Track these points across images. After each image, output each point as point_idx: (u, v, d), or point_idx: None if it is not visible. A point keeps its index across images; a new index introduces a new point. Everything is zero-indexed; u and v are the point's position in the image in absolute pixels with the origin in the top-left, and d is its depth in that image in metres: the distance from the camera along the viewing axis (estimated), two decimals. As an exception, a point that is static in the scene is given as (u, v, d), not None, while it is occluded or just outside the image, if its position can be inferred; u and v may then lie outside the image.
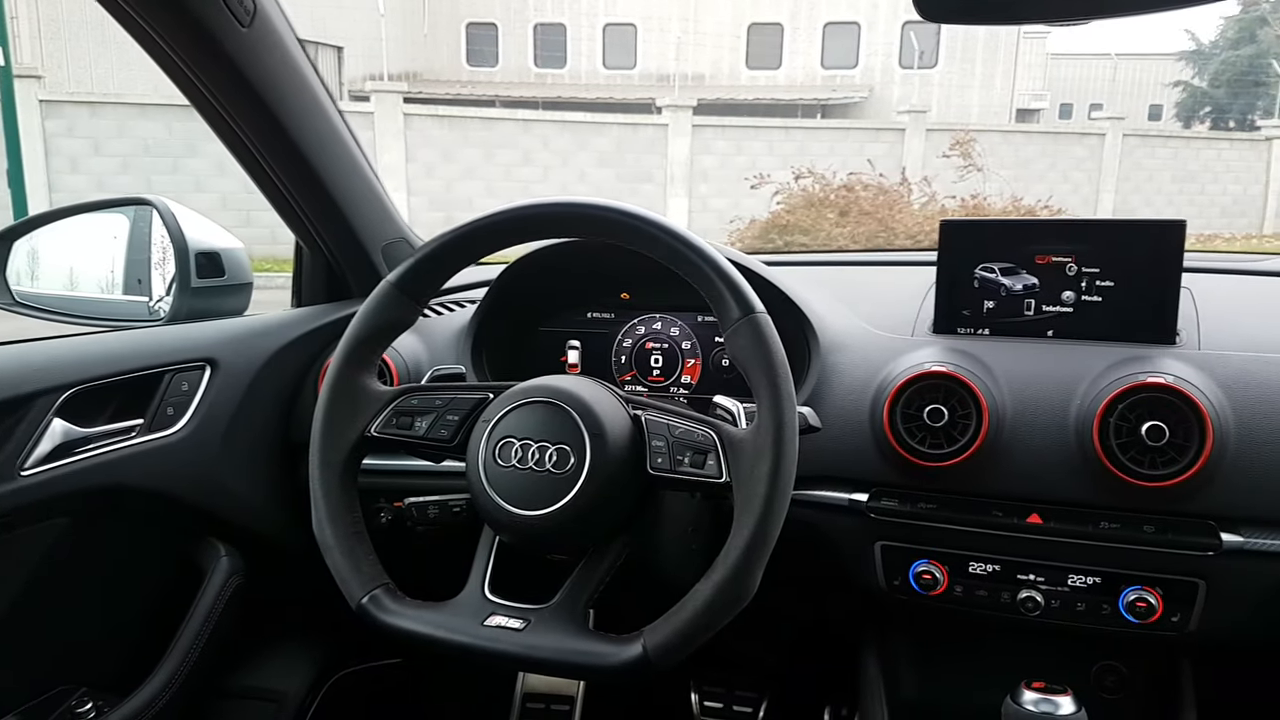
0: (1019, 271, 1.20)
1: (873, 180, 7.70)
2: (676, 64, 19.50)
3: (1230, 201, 14.33)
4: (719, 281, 0.91)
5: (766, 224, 7.91)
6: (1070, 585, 1.12)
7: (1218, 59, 27.63)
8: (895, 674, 1.32)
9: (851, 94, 19.47)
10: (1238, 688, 1.39)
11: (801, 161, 8.50)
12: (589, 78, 20.82)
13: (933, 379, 1.11)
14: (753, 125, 13.12)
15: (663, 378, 1.37)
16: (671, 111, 12.33)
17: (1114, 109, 19.17)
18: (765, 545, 0.86)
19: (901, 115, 13.38)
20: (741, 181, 9.35)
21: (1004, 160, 11.83)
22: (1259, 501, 1.04)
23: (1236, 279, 1.36)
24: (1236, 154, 14.61)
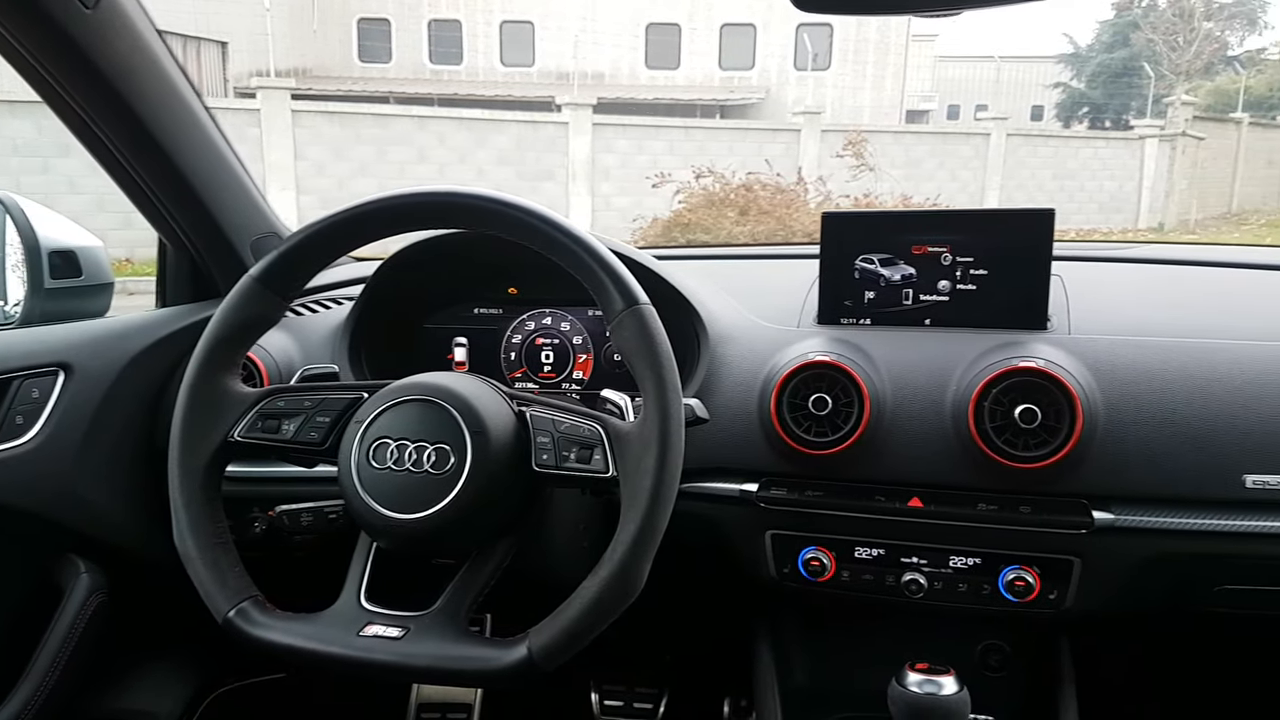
0: (897, 262, 1.22)
1: (771, 180, 7.85)
2: (575, 62, 19.45)
3: (1107, 198, 15.05)
4: (601, 273, 0.89)
5: (669, 222, 7.98)
6: (952, 567, 1.15)
7: (1094, 61, 29.05)
8: (787, 662, 1.33)
9: (749, 95, 19.76)
10: (1114, 662, 1.45)
11: (702, 161, 8.60)
12: (486, 75, 20.59)
13: (817, 368, 1.12)
14: (653, 124, 13.19)
15: (554, 374, 1.35)
16: (572, 110, 12.30)
17: (998, 110, 19.96)
18: (652, 539, 0.85)
19: (797, 116, 13.65)
20: (643, 180, 9.40)
21: (895, 160, 12.21)
22: (1128, 479, 1.08)
23: (1104, 266, 1.41)
24: (1112, 152, 15.34)
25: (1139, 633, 1.36)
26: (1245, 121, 16.80)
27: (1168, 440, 1.07)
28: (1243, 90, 21.98)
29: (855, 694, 1.25)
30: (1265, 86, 23.68)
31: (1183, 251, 1.53)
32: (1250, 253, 1.56)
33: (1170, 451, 1.06)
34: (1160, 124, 15.25)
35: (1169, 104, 16.04)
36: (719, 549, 1.22)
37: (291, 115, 11.20)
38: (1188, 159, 14.72)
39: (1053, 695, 1.21)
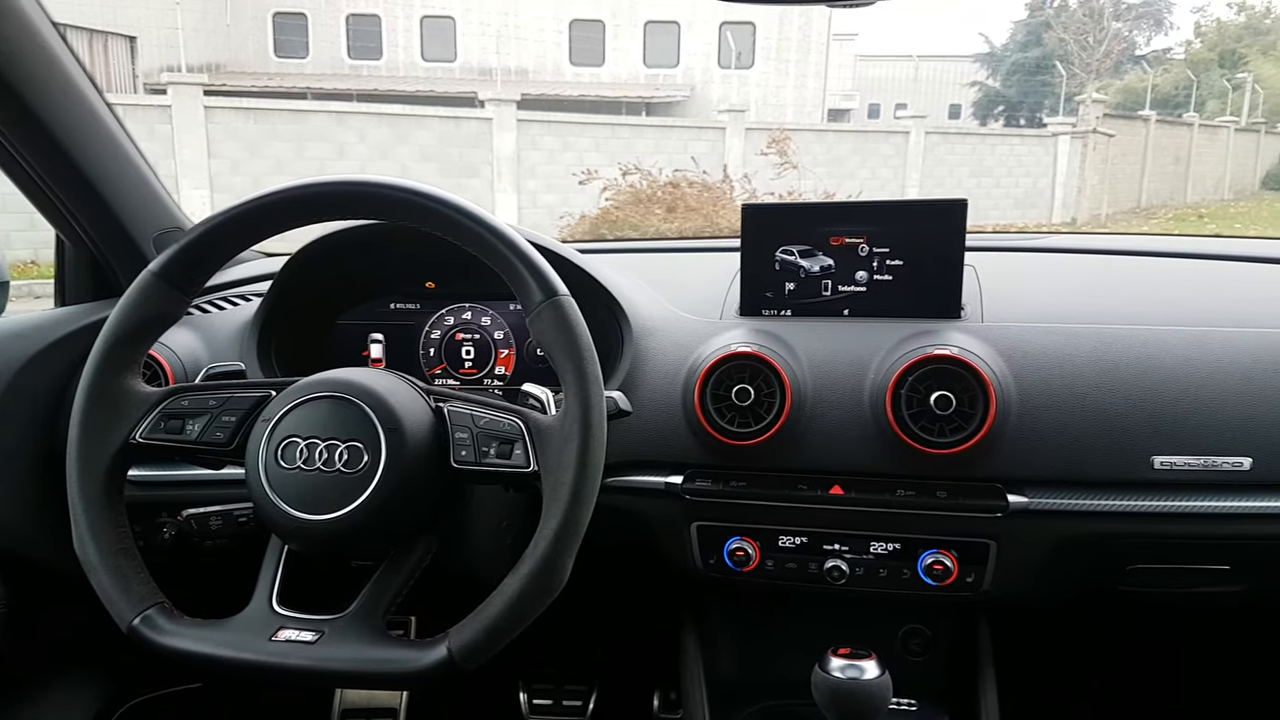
0: (816, 254, 1.24)
1: (697, 178, 7.90)
2: (498, 58, 19.28)
3: (1023, 194, 15.46)
4: (519, 265, 0.88)
5: (597, 220, 7.98)
6: (872, 553, 1.16)
7: (1009, 60, 29.90)
8: (714, 652, 1.33)
9: (674, 93, 19.83)
10: (1032, 644, 1.49)
11: (628, 158, 8.61)
12: (407, 70, 20.24)
13: (739, 360, 1.13)
14: (579, 121, 13.13)
15: (475, 370, 1.33)
16: (495, 106, 12.17)
17: (917, 108, 20.41)
18: (575, 533, 0.84)
19: (722, 114, 13.73)
20: (570, 177, 9.37)
21: (818, 158, 12.39)
22: (1040, 463, 1.10)
23: (1016, 256, 1.45)
24: (1027, 149, 15.76)
25: (1056, 614, 1.39)
26: (1153, 119, 17.43)
27: (1078, 424, 1.09)
28: (1150, 88, 22.84)
29: (781, 682, 1.26)
30: (1171, 85, 24.66)
31: (1091, 241, 1.59)
32: (1156, 241, 1.62)
33: (1081, 435, 1.09)
34: (1072, 121, 15.74)
35: (1080, 102, 16.59)
36: (644, 542, 1.22)
37: (204, 111, 10.87)
38: (1099, 155, 15.23)
39: (973, 678, 1.24)
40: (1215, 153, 18.78)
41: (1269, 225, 14.55)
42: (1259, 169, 20.06)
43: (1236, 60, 24.60)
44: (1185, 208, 16.67)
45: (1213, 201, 17.72)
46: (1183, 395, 1.09)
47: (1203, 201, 17.59)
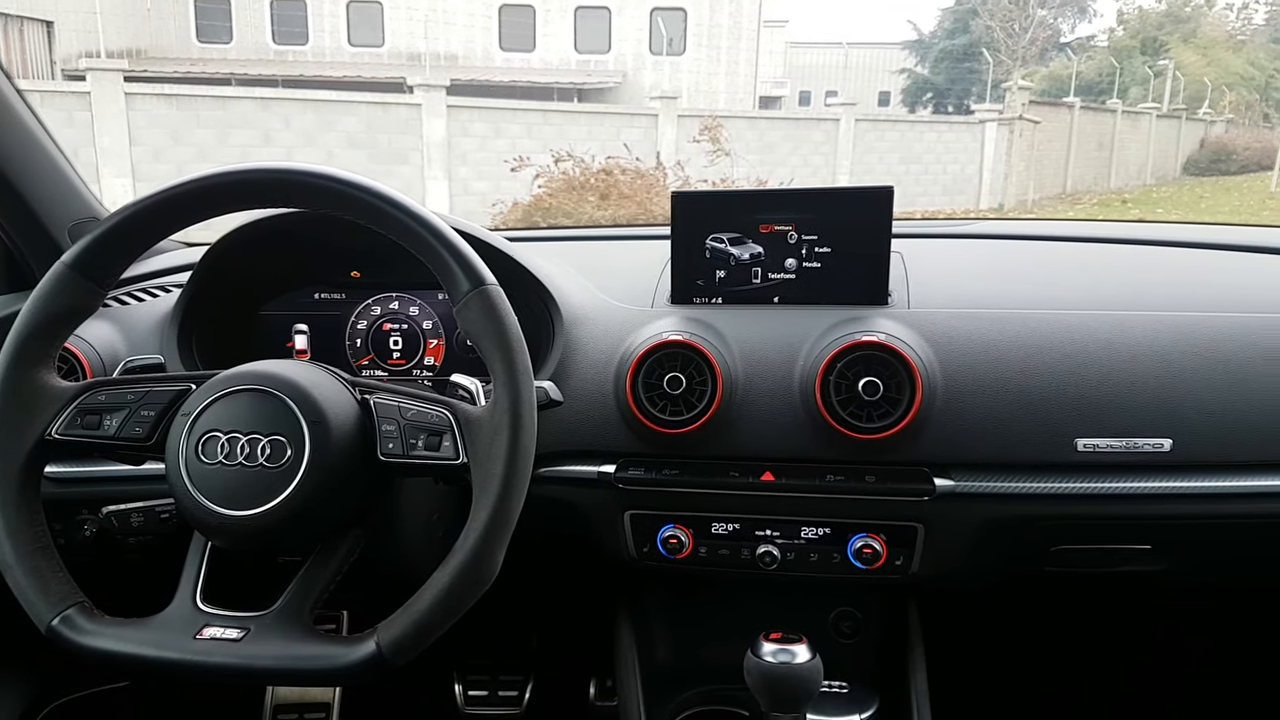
0: (746, 241, 1.24)
1: (630, 165, 7.87)
2: (427, 43, 18.97)
3: (951, 180, 15.75)
4: (445, 253, 0.87)
5: (530, 207, 7.92)
6: (803, 538, 1.18)
7: (937, 48, 30.41)
8: (649, 640, 1.34)
9: (606, 79, 19.75)
10: (960, 625, 1.52)
11: (561, 145, 8.54)
12: (334, 55, 19.79)
13: (670, 348, 1.13)
14: (510, 107, 13.01)
15: (404, 360, 1.30)
16: (424, 91, 11.97)
17: (847, 95, 20.65)
18: (505, 525, 0.83)
19: (654, 101, 13.73)
20: (502, 164, 9.28)
21: (750, 145, 12.46)
22: (966, 446, 1.12)
23: (942, 242, 1.47)
24: (955, 136, 16.05)
25: (984, 596, 1.42)
26: (1077, 106, 17.85)
27: (1003, 408, 1.11)
28: (1074, 76, 23.43)
29: (715, 667, 1.27)
30: (1095, 72, 25.32)
31: (1016, 227, 1.61)
32: (1079, 227, 1.66)
33: (1005, 419, 1.11)
34: (999, 108, 16.03)
35: (1007, 89, 16.89)
36: (578, 531, 1.22)
37: (125, 98, 10.52)
38: (1025, 142, 15.57)
39: (903, 659, 1.26)
40: (1138, 139, 19.35)
41: (1190, 210, 15.06)
42: (1180, 154, 20.73)
43: (1158, 47, 25.35)
44: (1109, 193, 17.15)
45: (1136, 187, 18.27)
46: (1105, 378, 1.11)
47: (1126, 187, 18.13)
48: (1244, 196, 15.33)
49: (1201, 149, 21.01)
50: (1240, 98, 22.95)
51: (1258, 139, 20.33)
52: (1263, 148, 18.87)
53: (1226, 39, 26.40)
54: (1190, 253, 1.40)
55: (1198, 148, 21.09)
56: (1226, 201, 15.12)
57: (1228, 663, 1.67)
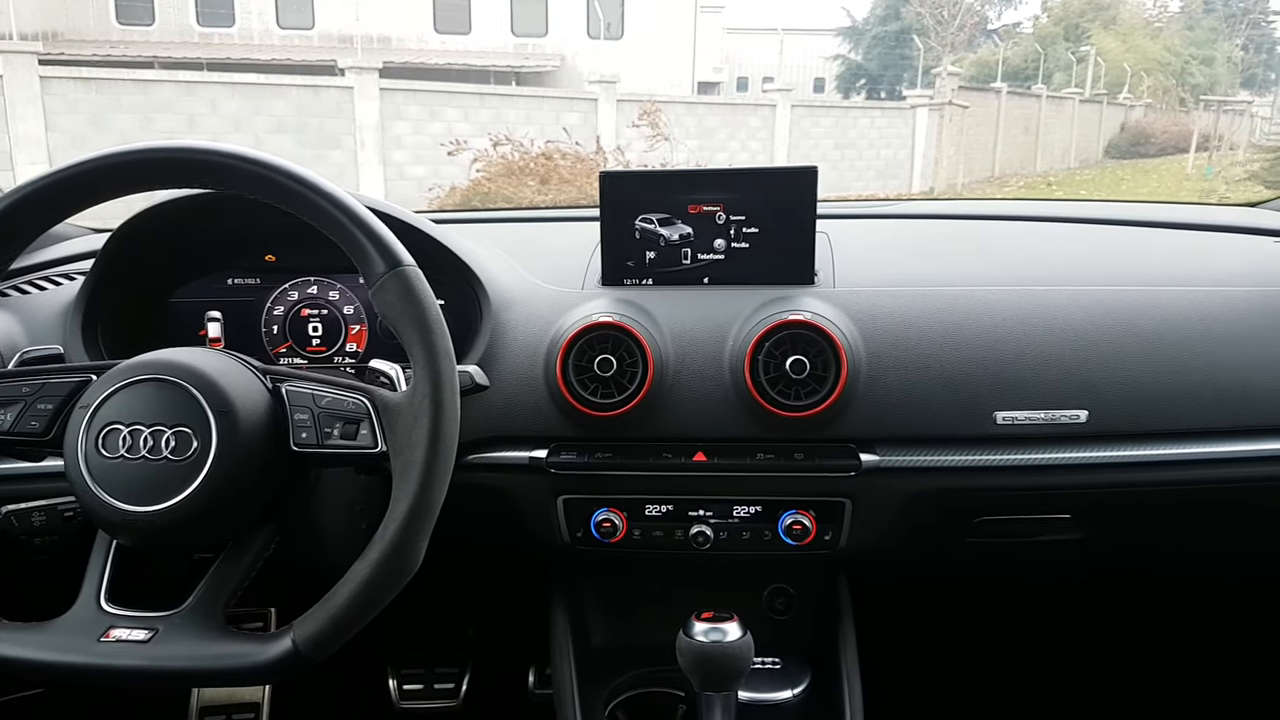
0: (675, 221, 1.23)
1: (570, 149, 7.82)
2: (359, 25, 18.55)
3: (884, 165, 15.95)
4: (358, 233, 0.84)
5: (468, 191, 7.83)
6: (736, 516, 1.18)
7: (870, 34, 30.71)
8: (584, 624, 1.33)
9: (544, 62, 19.57)
10: (889, 598, 1.55)
11: (499, 129, 8.46)
12: (262, 38, 19.22)
13: (601, 330, 1.12)
14: (446, 90, 12.78)
15: (324, 347, 1.27)
16: (356, 74, 11.70)
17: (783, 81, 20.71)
18: (427, 514, 0.82)
19: (593, 85, 13.63)
20: (438, 148, 9.15)
21: (690, 130, 12.47)
22: (890, 421, 1.14)
23: (867, 222, 1.49)
24: (888, 121, 16.24)
25: (911, 570, 1.45)
26: (1004, 91, 18.17)
27: (925, 383, 1.13)
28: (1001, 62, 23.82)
29: (650, 649, 1.27)
30: (1021, 58, 25.76)
31: (938, 207, 1.64)
32: (999, 206, 1.70)
33: (928, 394, 1.13)
34: (930, 94, 16.25)
35: (937, 75, 17.13)
36: (510, 518, 1.20)
37: (40, 82, 10.09)
38: (954, 127, 15.82)
39: (834, 634, 1.27)
40: (1062, 123, 19.80)
41: (1111, 191, 15.46)
42: (1102, 138, 21.26)
43: (1080, 34, 25.91)
44: (1035, 176, 17.51)
45: (1060, 170, 18.69)
46: (1022, 352, 1.14)
47: (1051, 170, 18.52)
48: (1162, 178, 15.80)
49: (1122, 133, 21.58)
50: (1158, 83, 23.62)
51: (1174, 122, 20.94)
52: (1179, 131, 19.45)
53: (1144, 26, 27.11)
54: (1104, 229, 1.45)
55: (1118, 131, 21.66)
56: (1146, 184, 15.58)
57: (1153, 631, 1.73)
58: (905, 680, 1.63)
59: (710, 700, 1.05)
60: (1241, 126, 18.22)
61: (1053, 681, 1.75)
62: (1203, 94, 22.61)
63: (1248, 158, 14.07)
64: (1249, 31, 29.22)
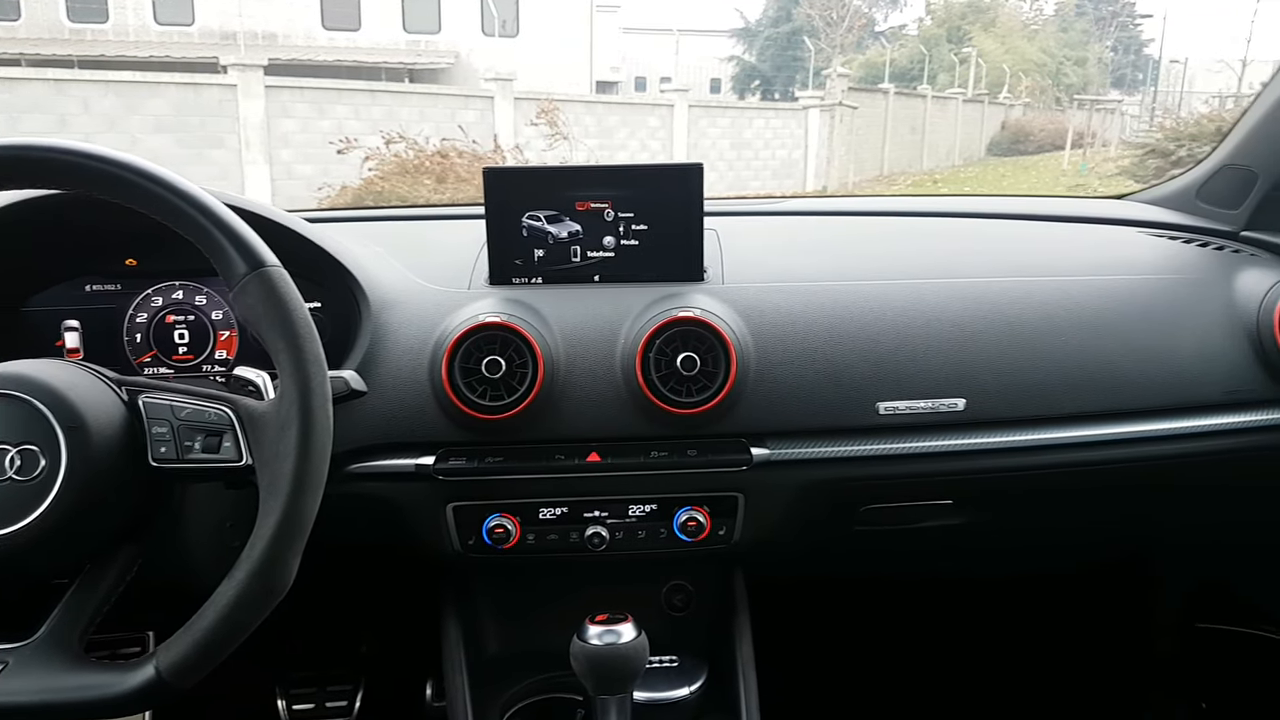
0: (563, 219, 1.21)
1: (467, 147, 7.68)
2: (242, 21, 17.89)
3: (779, 165, 16.22)
4: (217, 233, 0.79)
5: (360, 190, 7.60)
6: (631, 515, 1.17)
7: (763, 36, 31.24)
8: (479, 634, 1.30)
9: (438, 59, 19.24)
10: (784, 591, 1.56)
11: (391, 126, 8.24)
12: (139, 34, 18.35)
13: (488, 330, 1.09)
14: (335, 88, 12.42)
15: (192, 355, 1.20)
16: (239, 71, 11.28)
17: (680, 82, 20.90)
18: (297, 530, 0.77)
19: (489, 83, 13.47)
20: (328, 146, 8.86)
21: (589, 129, 12.44)
22: (779, 415, 1.15)
23: (756, 219, 1.50)
24: (782, 122, 16.51)
25: (802, 564, 1.46)
26: (891, 91, 18.69)
27: (812, 377, 1.15)
28: (888, 63, 24.54)
29: (549, 654, 1.25)
30: (907, 59, 26.56)
31: (825, 204, 1.67)
32: (882, 202, 1.74)
33: (814, 387, 1.15)
34: (821, 95, 16.61)
35: (827, 76, 17.52)
36: (397, 527, 1.16)
37: (-109, 79, 9.44)
38: (845, 127, 16.20)
39: (729, 628, 1.27)
40: (947, 122, 20.50)
41: (993, 187, 16.10)
42: (984, 136, 22.09)
43: (962, 36, 26.87)
44: (922, 174, 18.09)
45: (946, 168, 19.35)
46: (903, 344, 1.17)
47: (938, 168, 19.16)
48: (1040, 174, 16.51)
49: (1003, 131, 22.48)
50: (1035, 83, 24.70)
51: (1051, 121, 21.94)
52: (1056, 129, 20.37)
53: (1022, 28, 28.31)
54: (982, 223, 1.49)
55: (999, 130, 22.54)
56: (1025, 179, 16.26)
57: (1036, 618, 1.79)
58: (802, 671, 1.65)
59: (605, 704, 1.04)
60: (1113, 124, 19.21)
61: (939, 670, 1.81)
62: (1076, 93, 23.73)
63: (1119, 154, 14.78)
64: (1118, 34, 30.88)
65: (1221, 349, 1.24)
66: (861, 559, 1.49)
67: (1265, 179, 1.41)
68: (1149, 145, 10.63)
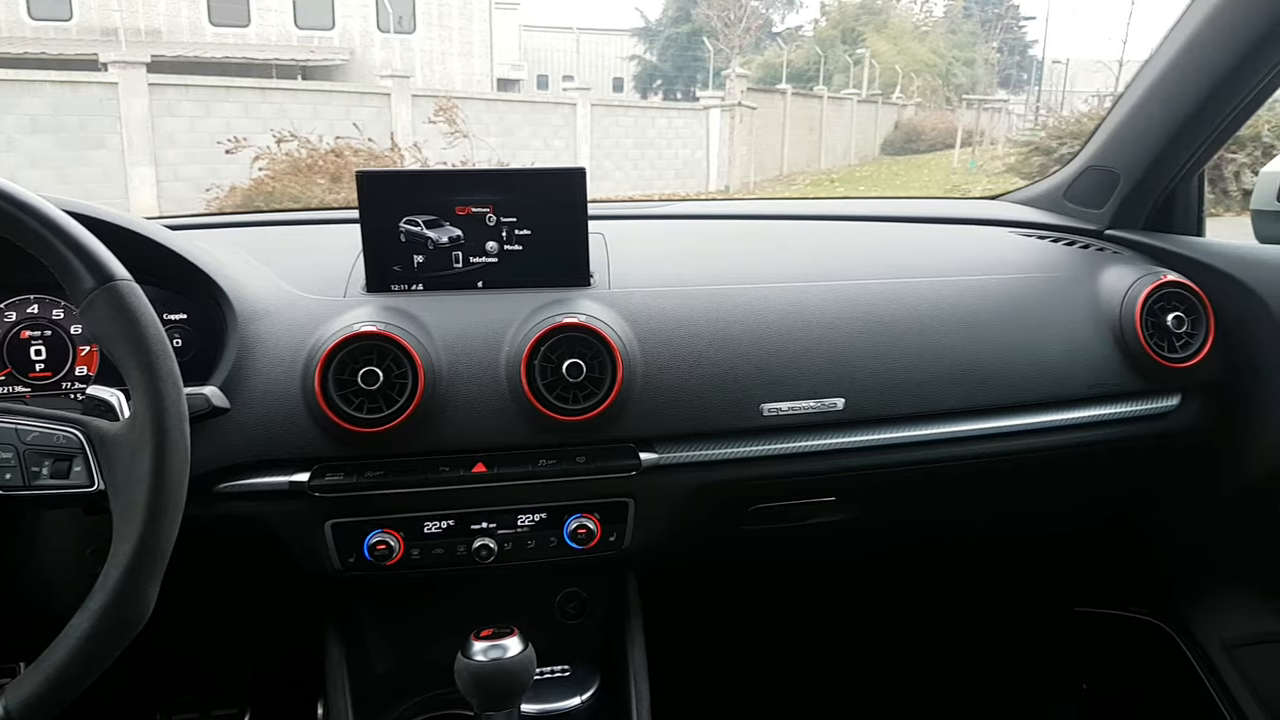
0: (443, 224, 1.19)
1: (363, 145, 7.53)
2: (123, 16, 17.12)
3: (682, 164, 16.34)
4: (60, 245, 0.75)
5: (250, 191, 7.38)
6: (520, 525, 1.15)
7: (663, 36, 31.45)
8: (364, 653, 1.26)
9: (332, 56, 18.75)
10: (677, 594, 1.57)
11: (283, 125, 8.00)
12: (11, 30, 17.35)
13: (364, 340, 1.06)
14: (223, 85, 12.00)
15: (50, 373, 1.13)
16: (121, 69, 10.79)
17: (582, 80, 20.87)
18: (154, 557, 0.73)
19: (385, 80, 13.20)
20: (216, 146, 8.55)
21: (490, 128, 12.31)
22: (667, 419, 1.15)
23: (643, 223, 1.50)
24: (684, 121, 16.63)
25: (695, 564, 1.47)
26: (789, 92, 19.02)
27: (696, 380, 1.15)
28: (785, 64, 24.99)
29: (438, 671, 1.22)
30: (804, 60, 27.10)
31: (713, 207, 1.68)
32: (768, 205, 1.76)
33: (700, 390, 1.15)
34: (721, 95, 16.81)
35: (727, 76, 17.72)
36: (272, 548, 1.12)
37: None
38: (745, 127, 16.42)
39: (622, 634, 1.27)
40: (843, 122, 20.98)
41: (887, 186, 16.56)
42: (878, 136, 22.71)
43: (856, 37, 27.53)
44: (820, 174, 18.48)
45: (843, 167, 19.81)
46: (785, 346, 1.18)
47: (835, 167, 19.61)
48: (932, 172, 17.07)
49: (896, 130, 23.17)
50: (926, 83, 25.52)
51: (942, 120, 22.71)
52: (946, 128, 21.10)
53: (913, 29, 29.21)
54: (863, 226, 1.53)
55: (893, 129, 23.22)
56: (918, 178, 16.80)
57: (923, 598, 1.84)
58: (695, 673, 1.66)
59: None
60: (1000, 123, 19.96)
61: (835, 659, 1.84)
62: (966, 93, 24.60)
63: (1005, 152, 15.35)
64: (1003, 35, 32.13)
65: (1087, 344, 1.30)
66: (752, 554, 1.51)
67: (1126, 180, 1.47)
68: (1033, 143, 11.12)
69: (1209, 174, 1.52)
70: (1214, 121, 1.34)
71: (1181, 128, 1.36)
